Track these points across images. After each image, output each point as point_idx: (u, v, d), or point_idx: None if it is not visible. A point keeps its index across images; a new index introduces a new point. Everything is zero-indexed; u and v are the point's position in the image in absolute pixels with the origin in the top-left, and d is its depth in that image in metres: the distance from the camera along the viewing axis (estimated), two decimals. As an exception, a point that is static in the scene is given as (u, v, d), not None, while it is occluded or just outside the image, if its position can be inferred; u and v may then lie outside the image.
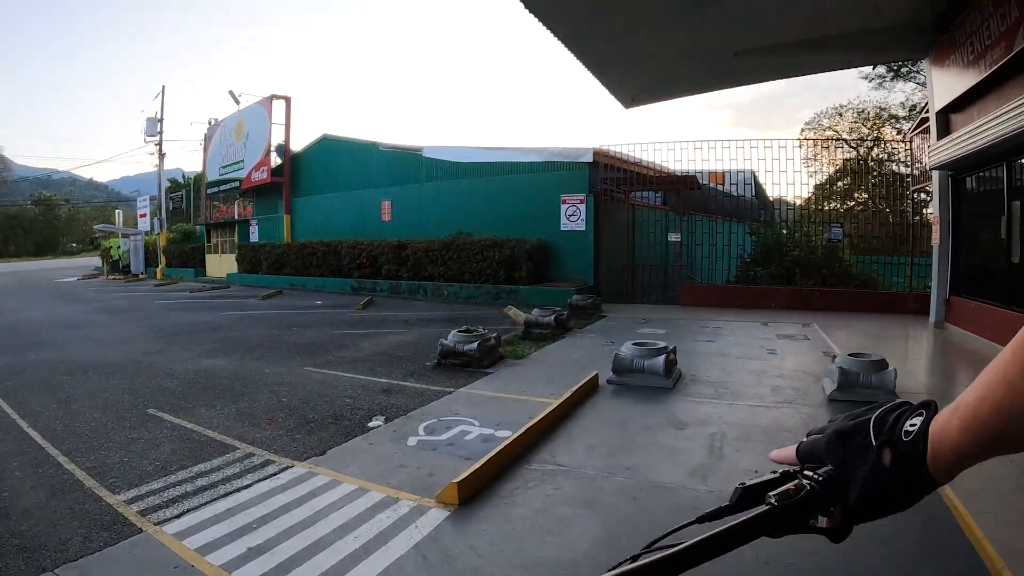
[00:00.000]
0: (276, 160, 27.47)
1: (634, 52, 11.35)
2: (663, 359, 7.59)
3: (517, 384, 7.88)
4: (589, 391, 7.32)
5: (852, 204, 25.86)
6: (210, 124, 32.94)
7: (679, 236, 17.09)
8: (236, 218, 30.74)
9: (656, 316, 13.64)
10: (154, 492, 4.81)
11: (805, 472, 0.78)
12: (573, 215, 17.32)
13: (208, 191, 32.65)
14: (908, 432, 0.72)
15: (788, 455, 0.86)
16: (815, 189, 22.90)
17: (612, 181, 17.31)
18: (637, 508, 4.34)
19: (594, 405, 6.88)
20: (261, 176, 27.44)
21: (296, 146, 27.49)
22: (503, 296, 16.76)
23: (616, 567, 0.71)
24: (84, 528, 4.22)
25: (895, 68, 27.70)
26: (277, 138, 27.31)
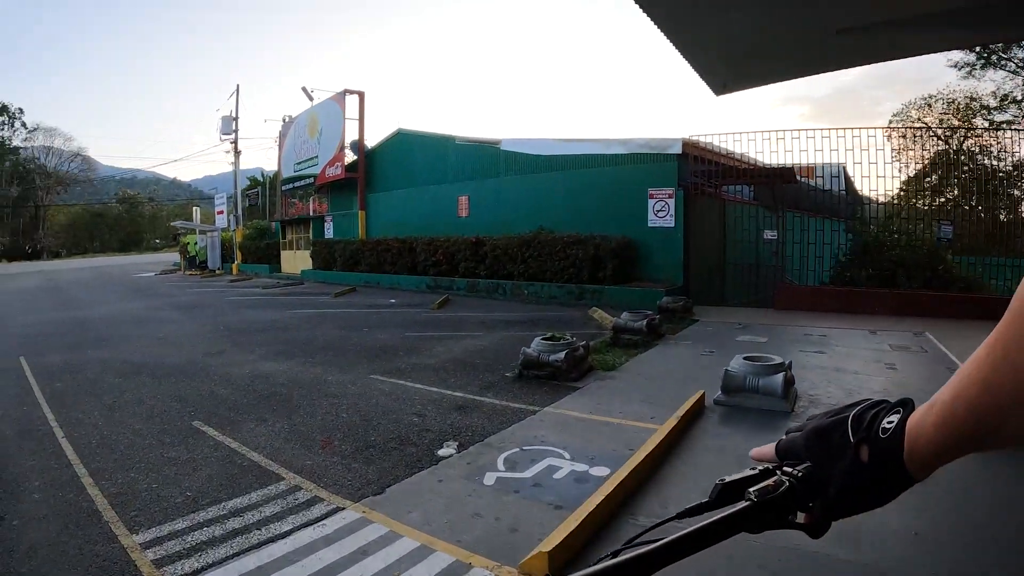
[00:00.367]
0: (350, 156, 27.14)
1: (730, 33, 10.13)
2: (781, 378, 6.38)
3: (610, 402, 6.77)
4: (695, 415, 6.18)
5: (943, 200, 23.77)
6: (284, 121, 33.00)
7: (775, 234, 15.68)
8: (311, 214, 30.64)
9: (752, 321, 12.30)
10: (177, 534, 3.96)
11: (784, 469, 0.78)
12: (661, 211, 16.10)
13: (283, 188, 32.70)
14: (885, 429, 0.72)
15: (768, 452, 0.86)
16: (905, 183, 21.08)
17: (702, 174, 16.00)
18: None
19: (703, 432, 5.72)
20: (335, 172, 27.13)
21: (370, 141, 27.14)
22: (586, 296, 15.69)
23: (597, 562, 0.71)
24: (81, 584, 3.40)
25: (985, 55, 26.12)
26: (351, 134, 27.03)
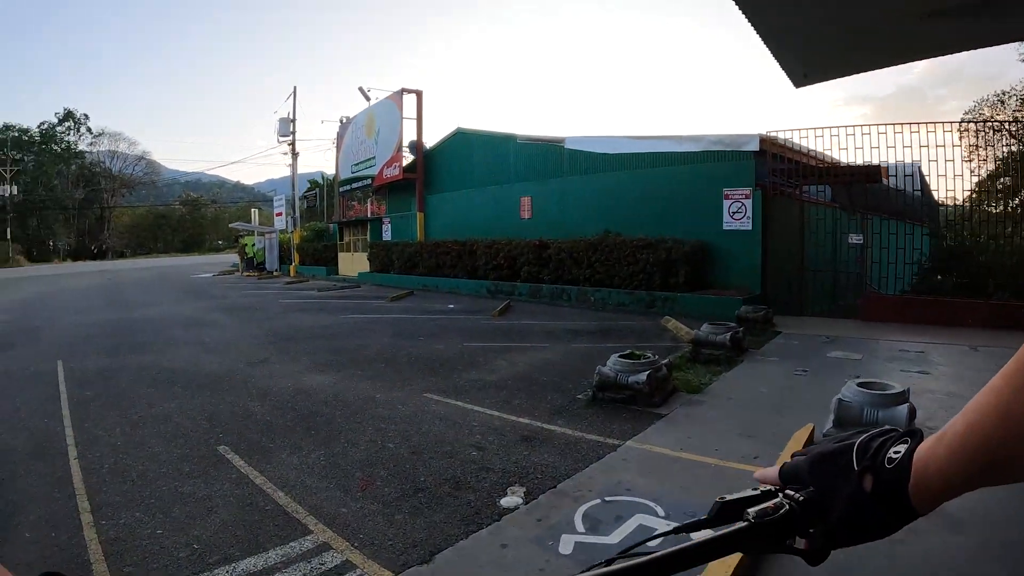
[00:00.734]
0: (408, 157, 26.46)
1: (817, 16, 8.99)
2: (905, 410, 5.18)
3: (703, 435, 5.66)
4: (808, 454, 5.02)
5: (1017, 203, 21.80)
6: (341, 122, 32.66)
7: (861, 237, 14.31)
8: (369, 216, 30.13)
9: (839, 334, 10.98)
10: (169, 610, 3.09)
11: (786, 492, 0.78)
12: (738, 212, 14.88)
13: (340, 189, 32.35)
14: (892, 459, 0.71)
15: (771, 475, 0.83)
16: (979, 184, 19.30)
17: (779, 173, 14.73)
18: None
19: None
20: (393, 173, 26.52)
21: (429, 141, 26.36)
22: (657, 304, 14.57)
23: (589, 569, 0.71)
24: None
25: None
26: (409, 133, 26.32)
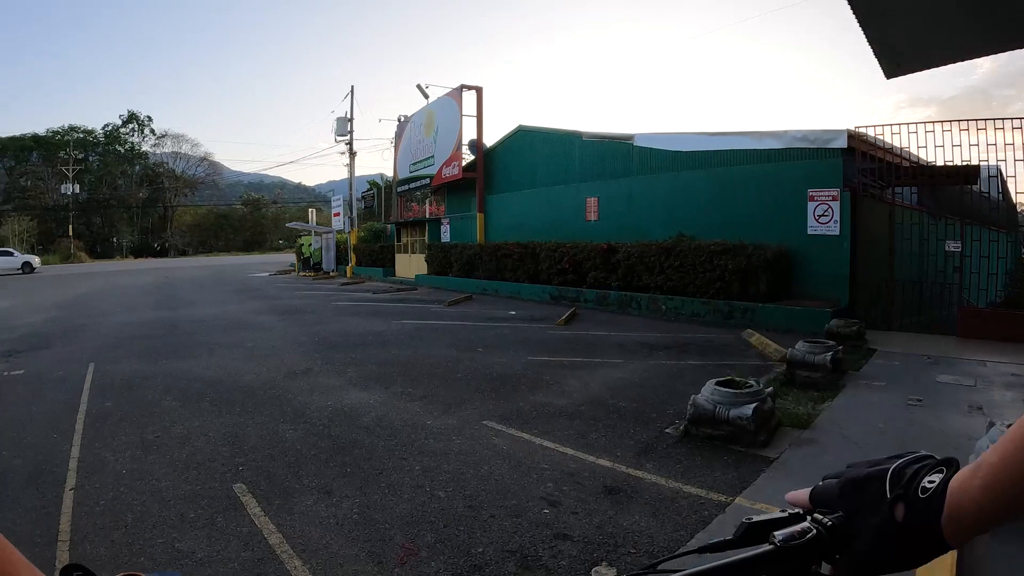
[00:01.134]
0: (468, 156, 25.64)
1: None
2: None
3: None
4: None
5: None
6: (399, 121, 32.01)
7: (959, 244, 12.81)
8: (427, 217, 29.19)
9: (940, 353, 9.54)
10: None
11: (815, 516, 0.77)
12: (824, 215, 13.49)
13: (398, 189, 31.72)
14: (926, 489, 0.70)
15: (801, 498, 0.83)
16: None
17: (868, 172, 13.30)
18: None
19: (993, 552, 3.41)
20: (452, 172, 25.70)
21: (489, 139, 25.46)
22: (736, 315, 13.28)
23: None
24: None
25: None
26: (468, 131, 25.46)
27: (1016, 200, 13.52)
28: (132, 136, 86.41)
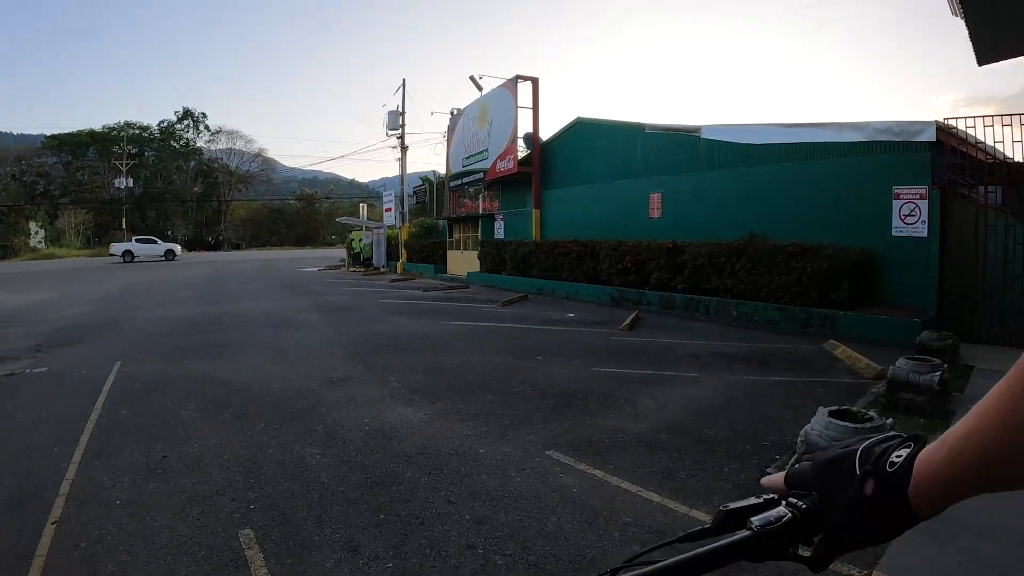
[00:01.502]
0: (524, 150, 24.80)
1: None
2: None
3: (979, 558, 3.44)
4: None
5: None
6: (452, 114, 31.28)
7: None
8: (480, 213, 28.37)
9: None
10: None
11: (790, 499, 0.79)
12: (910, 215, 12.21)
13: (451, 184, 31.03)
14: (893, 463, 0.72)
15: (777, 482, 0.85)
16: None
17: (955, 169, 12.00)
18: None
19: None
20: (507, 166, 24.84)
21: (545, 132, 24.56)
22: (814, 323, 12.09)
23: None
24: None
25: None
26: (524, 125, 24.58)
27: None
28: (187, 132, 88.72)
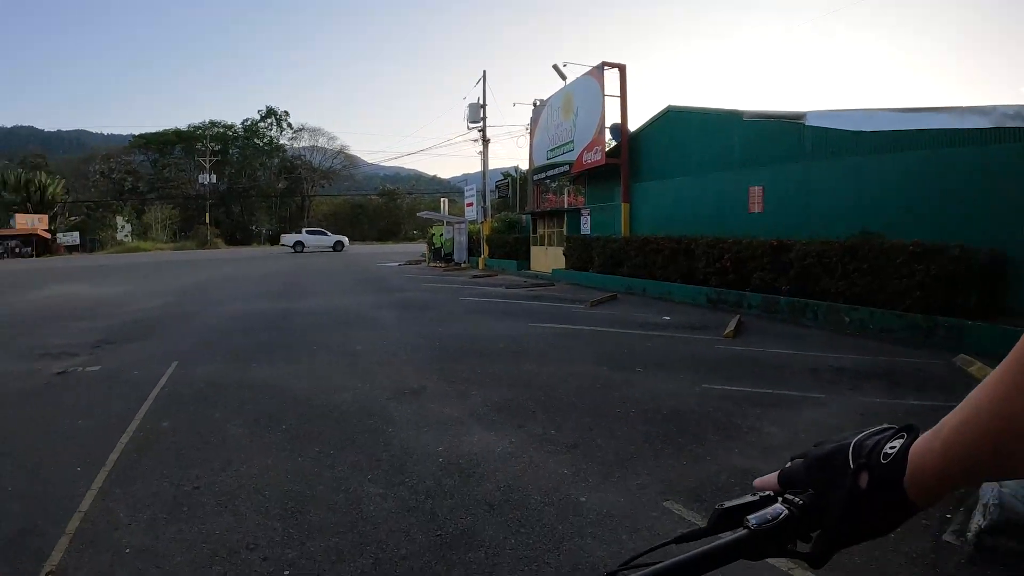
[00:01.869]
0: (611, 141, 23.90)
1: None
2: None
3: None
4: None
5: None
6: (535, 105, 30.58)
7: None
8: (565, 207, 27.63)
9: None
10: None
11: (785, 497, 0.79)
12: (1051, 213, 11.14)
13: (534, 178, 30.37)
14: (887, 455, 0.72)
15: (771, 482, 0.84)
16: None
17: None
18: None
19: None
20: (594, 158, 23.93)
21: (634, 121, 23.49)
22: (938, 333, 10.94)
23: None
24: None
25: None
26: (611, 114, 23.55)
27: None
28: (270, 130, 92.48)
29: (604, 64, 23.89)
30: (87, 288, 22.66)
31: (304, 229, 56.10)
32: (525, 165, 37.34)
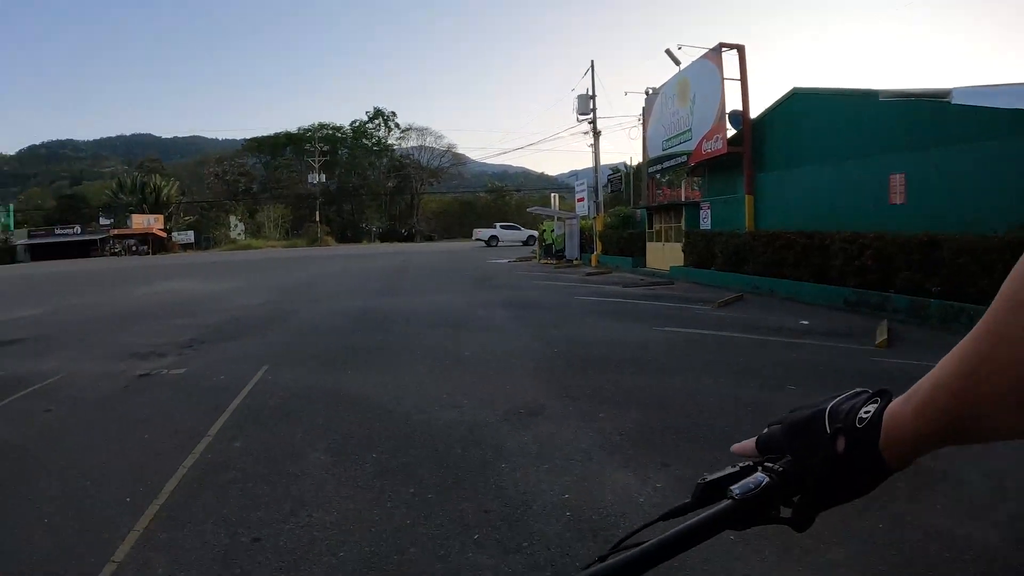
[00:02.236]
0: (730, 129, 22.48)
1: None
2: None
3: None
4: None
5: None
6: (647, 94, 29.43)
7: None
8: (683, 200, 26.42)
9: None
10: None
11: (765, 464, 0.80)
12: None
13: (649, 170, 29.25)
14: (862, 419, 0.73)
15: (748, 447, 0.86)
16: None
17: None
18: None
19: None
20: (715, 147, 22.52)
21: (756, 107, 21.94)
22: None
23: (587, 567, 0.73)
24: None
25: None
26: (731, 100, 22.08)
27: None
28: (378, 131, 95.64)
29: (721, 45, 22.56)
30: (194, 284, 23.41)
31: (499, 224, 60.38)
32: (634, 160, 36.54)
